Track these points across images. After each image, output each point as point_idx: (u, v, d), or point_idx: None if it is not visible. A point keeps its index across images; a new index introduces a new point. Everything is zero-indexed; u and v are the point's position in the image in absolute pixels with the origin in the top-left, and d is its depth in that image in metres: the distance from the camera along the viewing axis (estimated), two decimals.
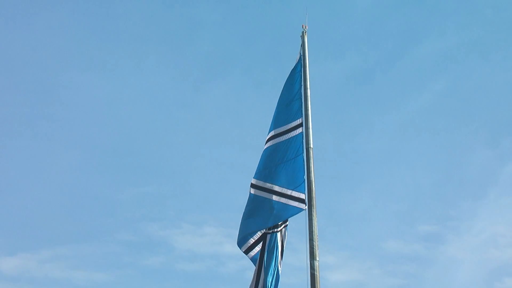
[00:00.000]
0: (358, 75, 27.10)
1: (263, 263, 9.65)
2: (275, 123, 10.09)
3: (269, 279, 9.62)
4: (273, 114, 10.29)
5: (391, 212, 23.67)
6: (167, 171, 24.75)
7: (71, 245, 22.27)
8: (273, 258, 9.71)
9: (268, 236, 9.76)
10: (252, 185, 9.81)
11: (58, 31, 26.47)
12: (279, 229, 9.75)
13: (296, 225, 9.66)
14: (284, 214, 9.68)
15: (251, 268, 9.54)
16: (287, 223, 9.82)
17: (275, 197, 9.77)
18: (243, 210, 9.81)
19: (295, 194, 9.70)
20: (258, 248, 9.68)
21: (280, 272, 9.71)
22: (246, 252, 9.71)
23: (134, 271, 21.74)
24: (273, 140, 10.01)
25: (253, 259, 9.64)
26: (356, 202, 23.59)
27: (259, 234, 9.68)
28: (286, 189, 9.66)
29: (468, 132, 25.56)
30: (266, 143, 10.07)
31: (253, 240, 9.68)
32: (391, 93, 26.87)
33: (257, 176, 9.85)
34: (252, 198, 9.82)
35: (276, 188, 9.80)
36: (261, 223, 9.66)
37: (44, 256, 22.32)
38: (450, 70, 27.17)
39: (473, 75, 26.99)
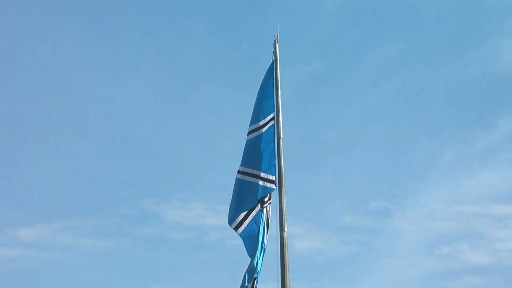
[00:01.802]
0: (322, 76, 30.33)
1: (253, 238, 10.37)
2: (254, 118, 11.03)
3: (257, 253, 10.30)
4: (252, 110, 11.13)
5: (348, 191, 26.54)
6: (160, 156, 27.99)
7: (79, 217, 25.36)
8: (260, 232, 10.45)
9: (255, 212, 10.53)
10: (239, 172, 10.76)
11: (74, 41, 29.90)
12: (264, 205, 10.57)
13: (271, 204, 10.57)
14: (258, 193, 10.56)
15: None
16: (270, 201, 10.67)
17: (256, 180, 10.62)
18: (232, 193, 10.66)
19: (267, 176, 10.63)
20: (244, 225, 10.41)
21: (266, 244, 10.37)
22: (235, 229, 10.46)
23: (132, 240, 24.95)
24: (253, 133, 10.94)
25: (241, 235, 10.39)
26: (319, 182, 26.08)
27: (243, 214, 10.45)
28: (261, 172, 10.60)
29: (414, 125, 28.71)
30: (248, 135, 10.95)
31: (240, 218, 10.46)
32: (350, 91, 30.12)
33: (243, 163, 10.81)
34: (238, 182, 10.75)
35: (255, 172, 10.70)
36: (248, 203, 10.52)
37: (57, 227, 25.25)
38: (399, 72, 30.57)
39: (417, 77, 30.30)
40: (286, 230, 10.45)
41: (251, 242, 10.46)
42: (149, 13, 30.90)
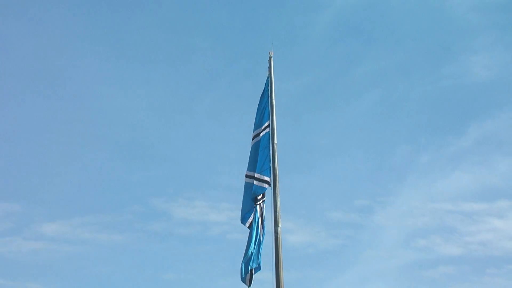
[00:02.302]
0: (313, 88, 32.44)
1: (250, 232, 11.19)
2: (256, 125, 11.86)
3: (251, 244, 11.14)
4: (254, 118, 11.94)
5: (335, 190, 28.71)
6: (168, 159, 30.21)
7: (96, 214, 27.48)
8: (254, 227, 11.24)
9: (254, 209, 11.29)
10: (245, 175, 11.60)
11: (93, 58, 32.48)
12: (257, 203, 11.35)
13: (266, 202, 11.36)
14: (258, 191, 11.35)
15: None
16: (264, 198, 11.44)
17: (252, 180, 11.41)
18: (243, 193, 11.51)
19: (261, 177, 11.43)
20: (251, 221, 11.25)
21: (262, 238, 11.18)
22: (249, 227, 11.28)
23: (142, 234, 26.88)
24: (255, 139, 11.77)
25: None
26: (310, 183, 27.98)
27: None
28: (257, 174, 11.39)
29: (393, 131, 30.96)
30: (252, 141, 11.79)
31: (251, 218, 11.31)
32: (337, 102, 32.23)
33: (248, 168, 11.66)
34: (245, 185, 11.58)
35: (252, 173, 11.47)
36: (252, 203, 11.36)
37: (76, 222, 27.43)
38: (380, 85, 32.82)
39: (398, 88, 32.72)
40: (280, 225, 11.12)
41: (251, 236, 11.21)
42: (158, 32, 33.67)
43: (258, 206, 11.45)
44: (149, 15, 33.55)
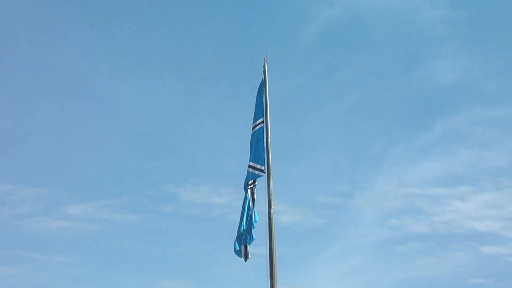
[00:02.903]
0: (301, 89, 35.26)
1: (241, 212, 12.12)
2: (253, 119, 12.84)
3: (243, 223, 12.05)
4: (252, 113, 12.90)
5: (320, 177, 31.52)
6: (178, 150, 33.30)
7: (115, 197, 30.87)
8: (245, 208, 12.14)
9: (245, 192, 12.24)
10: (249, 166, 12.51)
11: (114, 62, 35.87)
12: (249, 187, 12.27)
13: (260, 186, 12.42)
14: (251, 178, 12.33)
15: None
16: (256, 183, 12.39)
17: (248, 169, 12.37)
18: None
19: (255, 165, 12.36)
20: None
21: (255, 217, 12.04)
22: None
23: (155, 214, 30.03)
24: (253, 130, 12.69)
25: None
26: (299, 171, 30.69)
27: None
28: (254, 163, 12.36)
29: (370, 126, 33.78)
30: (252, 130, 12.74)
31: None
32: (322, 101, 34.92)
33: (250, 159, 12.56)
34: (248, 174, 12.48)
35: (249, 163, 12.44)
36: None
37: (98, 204, 30.47)
38: (360, 87, 35.52)
39: (374, 90, 35.45)
40: (273, 207, 11.90)
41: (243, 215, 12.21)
42: (171, 44, 37.10)
43: (249, 190, 12.34)
44: (163, 30, 37.54)
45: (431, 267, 27.59)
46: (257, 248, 12.38)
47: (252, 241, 12.15)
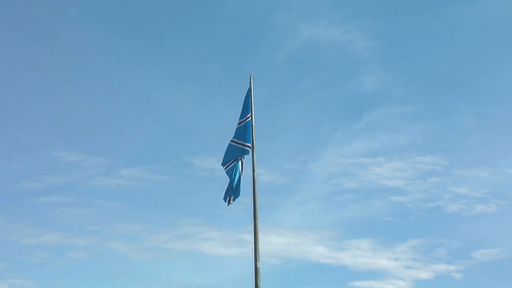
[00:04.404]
0: (275, 93, 46.20)
1: (232, 173, 15.19)
2: (240, 116, 15.69)
3: (235, 179, 15.04)
4: (240, 113, 15.70)
5: (287, 152, 43.38)
6: (192, 133, 45.93)
7: (152, 165, 42.76)
8: (237, 171, 15.24)
9: (236, 161, 15.34)
10: (231, 141, 15.36)
11: (146, 73, 48.92)
12: (239, 158, 15.34)
13: (248, 158, 15.34)
14: (242, 152, 15.22)
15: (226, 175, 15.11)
16: (245, 156, 15.19)
17: (240, 145, 15.25)
18: (225, 150, 15.44)
19: (245, 143, 15.17)
20: (229, 167, 15.29)
21: (241, 176, 15.00)
22: (225, 168, 15.35)
23: (178, 176, 41.89)
24: (240, 124, 15.53)
25: (227, 172, 15.30)
26: (273, 147, 41.06)
27: (230, 161, 15.29)
28: (243, 142, 15.31)
29: (321, 119, 46.10)
30: (238, 125, 15.55)
31: (228, 164, 15.30)
32: (289, 103, 46.58)
33: (234, 137, 15.45)
34: (230, 146, 15.41)
35: (241, 142, 15.20)
36: (233, 156, 15.27)
37: (140, 169, 42.09)
38: (315, 92, 47.19)
39: (324, 94, 48.51)
40: (255, 171, 14.69)
41: (230, 175, 15.33)
42: (185, 57, 49.93)
43: (240, 161, 15.41)
44: (180, 45, 51.26)
45: (359, 211, 40.22)
46: (245, 199, 15.20)
47: (237, 197, 15.19)
